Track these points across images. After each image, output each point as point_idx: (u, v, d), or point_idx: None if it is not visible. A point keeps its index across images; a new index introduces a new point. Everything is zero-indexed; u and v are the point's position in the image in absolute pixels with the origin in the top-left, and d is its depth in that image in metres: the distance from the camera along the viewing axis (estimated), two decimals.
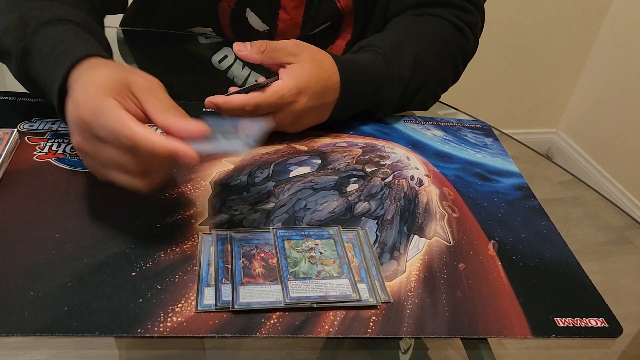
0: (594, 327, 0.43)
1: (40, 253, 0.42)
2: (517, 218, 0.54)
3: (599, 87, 1.92)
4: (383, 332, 0.40)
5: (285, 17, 0.69)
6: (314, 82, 0.55)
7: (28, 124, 0.57)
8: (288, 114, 0.56)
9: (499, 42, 1.81)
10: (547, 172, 0.67)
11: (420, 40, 0.65)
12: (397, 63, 0.62)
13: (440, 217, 0.52)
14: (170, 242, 0.45)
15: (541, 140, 2.13)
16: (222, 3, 0.68)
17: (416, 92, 0.66)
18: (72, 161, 0.52)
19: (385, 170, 0.58)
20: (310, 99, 0.56)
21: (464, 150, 0.65)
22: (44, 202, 0.47)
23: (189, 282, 0.41)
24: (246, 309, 0.40)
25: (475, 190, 0.57)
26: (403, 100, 0.66)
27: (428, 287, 0.44)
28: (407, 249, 0.48)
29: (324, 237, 0.47)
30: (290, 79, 0.54)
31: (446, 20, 0.69)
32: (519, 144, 0.70)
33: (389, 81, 0.62)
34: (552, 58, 1.92)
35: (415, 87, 0.65)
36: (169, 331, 0.37)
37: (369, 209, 0.52)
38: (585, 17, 1.84)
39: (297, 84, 0.54)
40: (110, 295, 0.39)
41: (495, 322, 0.42)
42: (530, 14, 1.79)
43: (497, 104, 1.98)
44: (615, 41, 1.83)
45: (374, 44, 0.63)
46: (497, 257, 0.49)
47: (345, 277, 0.43)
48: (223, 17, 0.70)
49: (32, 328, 0.36)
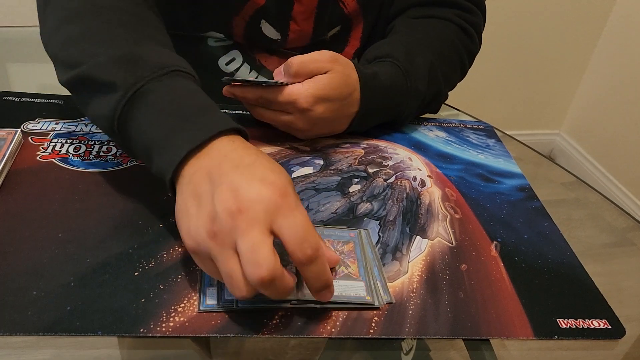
0: (596, 328, 0.43)
1: (43, 253, 0.42)
2: (519, 219, 0.54)
3: (601, 88, 1.92)
4: (385, 333, 0.40)
5: (295, 28, 0.69)
6: (335, 95, 0.55)
7: (32, 124, 0.57)
8: (301, 120, 0.56)
9: (502, 43, 1.81)
10: (550, 174, 0.67)
11: (430, 46, 0.65)
12: (414, 75, 0.62)
13: (442, 218, 0.52)
14: (172, 242, 0.45)
15: (544, 142, 2.13)
16: (236, 17, 0.68)
17: (431, 101, 0.67)
18: (75, 161, 0.52)
19: (388, 171, 0.58)
20: (327, 110, 0.56)
21: (467, 152, 0.65)
22: (47, 202, 0.47)
23: (191, 282, 0.41)
24: (251, 308, 0.40)
25: (477, 191, 0.57)
26: (419, 111, 0.67)
27: (430, 288, 0.44)
28: (410, 250, 0.48)
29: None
30: (310, 86, 0.54)
31: (452, 22, 0.70)
32: (522, 145, 0.70)
33: (407, 95, 0.62)
34: (555, 59, 1.92)
35: (430, 96, 0.66)
36: (172, 331, 0.37)
37: (372, 210, 0.52)
38: (588, 18, 1.84)
39: (315, 93, 0.54)
40: (112, 295, 0.39)
41: (497, 323, 0.42)
42: (533, 15, 1.79)
43: (499, 105, 1.98)
44: (619, 42, 1.83)
45: (390, 54, 0.62)
46: (500, 258, 0.49)
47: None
48: (237, 29, 0.70)
49: (34, 327, 0.36)
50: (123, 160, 0.53)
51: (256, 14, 0.68)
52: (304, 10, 0.68)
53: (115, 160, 0.53)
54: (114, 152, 0.54)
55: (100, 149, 0.54)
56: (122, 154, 0.54)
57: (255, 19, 0.68)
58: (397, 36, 0.67)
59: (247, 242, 0.35)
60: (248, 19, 0.68)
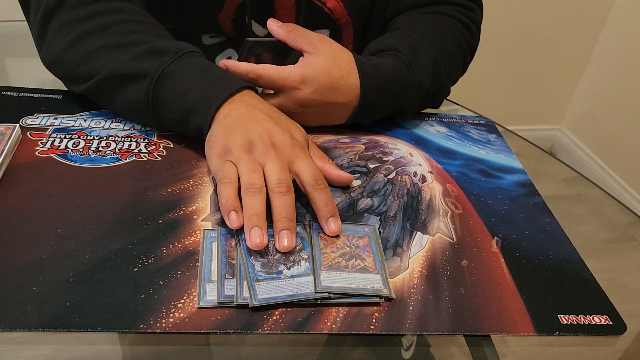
0: (597, 324, 0.43)
1: (43, 248, 0.42)
2: (520, 215, 0.54)
3: (602, 83, 1.91)
4: (385, 329, 0.40)
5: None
6: (322, 76, 0.56)
7: (30, 119, 0.57)
8: (290, 99, 0.57)
9: (503, 38, 1.80)
10: (551, 169, 0.67)
11: (433, 40, 0.65)
12: (417, 69, 0.62)
13: (443, 213, 0.52)
14: (172, 237, 0.44)
15: (545, 137, 2.12)
16: (221, 14, 0.68)
17: (434, 95, 0.67)
18: (74, 157, 0.52)
19: (388, 167, 0.58)
20: (315, 92, 0.56)
21: (468, 147, 0.64)
22: (46, 197, 0.47)
23: (191, 278, 0.41)
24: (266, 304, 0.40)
25: (478, 186, 0.57)
26: (422, 105, 0.67)
27: (431, 284, 0.44)
28: (410, 246, 0.48)
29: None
30: (299, 66, 0.56)
31: (453, 17, 0.69)
32: (523, 140, 0.70)
33: (410, 89, 0.62)
34: (556, 54, 1.91)
35: (433, 90, 0.65)
36: (171, 327, 0.37)
37: (372, 206, 0.52)
38: (589, 13, 1.84)
39: (304, 72, 0.56)
40: (112, 291, 0.39)
41: (498, 319, 0.42)
42: (534, 10, 1.78)
43: (500, 100, 1.97)
44: (619, 37, 1.82)
45: (394, 47, 0.62)
46: (501, 254, 0.48)
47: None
48: (225, 25, 0.70)
49: (34, 323, 0.36)
50: (122, 156, 0.53)
51: (239, 9, 0.68)
52: (285, 6, 0.68)
53: (114, 156, 0.53)
54: (113, 147, 0.54)
55: (99, 145, 0.54)
56: (122, 149, 0.54)
57: (239, 15, 0.68)
58: (399, 31, 0.67)
59: (275, 165, 0.46)
60: (232, 15, 0.68)
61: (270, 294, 0.40)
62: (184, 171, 0.52)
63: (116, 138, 0.56)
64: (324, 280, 0.42)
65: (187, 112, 0.52)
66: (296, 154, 0.48)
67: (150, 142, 0.56)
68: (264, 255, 0.43)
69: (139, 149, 0.54)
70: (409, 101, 0.63)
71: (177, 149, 0.55)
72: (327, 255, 0.44)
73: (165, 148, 0.55)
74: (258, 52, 0.60)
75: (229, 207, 0.44)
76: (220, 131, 0.49)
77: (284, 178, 0.45)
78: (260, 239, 0.42)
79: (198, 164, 0.53)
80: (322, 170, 0.51)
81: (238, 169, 0.46)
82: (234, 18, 0.69)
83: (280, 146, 0.48)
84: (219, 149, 0.48)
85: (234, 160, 0.47)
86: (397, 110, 0.64)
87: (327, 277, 0.42)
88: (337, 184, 0.53)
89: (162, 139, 0.57)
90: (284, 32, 0.58)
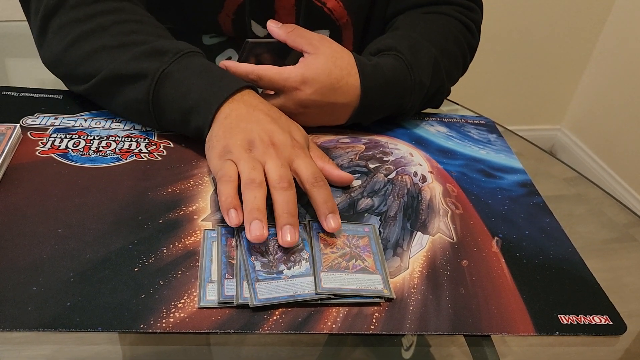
0: (597, 324, 0.43)
1: (43, 248, 0.42)
2: (520, 215, 0.54)
3: (602, 83, 1.91)
4: (386, 329, 0.40)
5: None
6: (323, 77, 0.56)
7: (31, 119, 0.57)
8: (290, 100, 0.57)
9: (503, 38, 1.80)
10: (551, 169, 0.67)
11: (433, 40, 0.65)
12: (418, 69, 0.62)
13: (443, 213, 0.52)
14: (172, 237, 0.44)
15: (545, 137, 2.12)
16: (221, 14, 0.68)
17: (434, 95, 0.67)
18: (74, 157, 0.52)
19: (389, 167, 0.58)
20: (316, 92, 0.56)
21: (468, 147, 0.64)
22: (46, 197, 0.47)
23: (191, 278, 0.41)
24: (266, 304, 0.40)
25: (478, 186, 0.57)
26: (422, 105, 0.67)
27: (431, 284, 0.44)
28: (410, 246, 0.48)
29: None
30: (300, 66, 0.56)
31: (454, 17, 0.69)
32: (523, 140, 0.70)
33: (411, 89, 0.62)
34: (556, 54, 1.91)
35: (433, 90, 0.65)
36: (172, 327, 0.37)
37: (372, 206, 0.52)
38: (589, 13, 1.83)
39: (304, 73, 0.56)
40: (112, 291, 0.39)
41: (498, 319, 0.42)
42: (534, 10, 1.78)
43: (500, 100, 1.97)
44: (620, 37, 1.82)
45: (394, 47, 0.62)
46: (501, 254, 0.48)
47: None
48: (225, 26, 0.70)
49: (34, 323, 0.36)
50: (122, 156, 0.53)
51: (239, 10, 0.68)
52: (285, 6, 0.68)
53: (115, 156, 0.53)
54: (113, 147, 0.54)
55: (99, 144, 0.54)
56: (122, 149, 0.54)
57: (239, 15, 0.68)
58: (399, 31, 0.67)
59: (276, 163, 0.46)
60: (232, 15, 0.68)
61: (270, 294, 0.40)
62: (185, 171, 0.52)
63: (116, 138, 0.56)
64: (325, 281, 0.42)
65: (188, 112, 0.52)
66: (296, 154, 0.48)
67: (150, 142, 0.56)
68: (264, 255, 0.43)
69: (139, 149, 0.54)
70: (409, 101, 0.63)
71: (178, 149, 0.55)
72: (327, 256, 0.44)
73: (165, 148, 0.55)
74: (258, 52, 0.60)
75: (229, 204, 0.44)
76: (221, 131, 0.49)
77: (284, 174, 0.46)
78: (260, 231, 0.42)
79: (198, 164, 0.53)
80: (323, 170, 0.51)
81: (238, 167, 0.46)
82: (234, 18, 0.69)
83: (280, 146, 0.48)
84: (220, 149, 0.48)
85: (234, 159, 0.47)
86: (398, 111, 0.64)
87: (328, 278, 0.42)
88: (338, 184, 0.53)
89: (162, 139, 0.57)
90: (284, 32, 0.58)
